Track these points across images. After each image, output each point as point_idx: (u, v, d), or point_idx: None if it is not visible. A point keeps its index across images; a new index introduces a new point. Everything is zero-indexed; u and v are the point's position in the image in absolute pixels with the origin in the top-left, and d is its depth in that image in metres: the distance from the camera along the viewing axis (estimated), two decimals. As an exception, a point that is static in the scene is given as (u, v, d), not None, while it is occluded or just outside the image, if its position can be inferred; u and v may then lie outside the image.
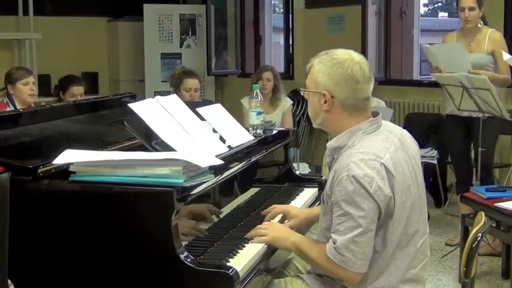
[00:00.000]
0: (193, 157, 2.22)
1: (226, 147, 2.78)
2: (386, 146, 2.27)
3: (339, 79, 2.29)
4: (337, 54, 2.33)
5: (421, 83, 7.03)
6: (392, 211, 2.23)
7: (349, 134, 2.30)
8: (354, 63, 2.29)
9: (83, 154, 2.28)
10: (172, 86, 5.08)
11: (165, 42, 8.77)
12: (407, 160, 2.32)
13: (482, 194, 4.10)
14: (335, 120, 2.34)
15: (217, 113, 3.06)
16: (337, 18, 7.53)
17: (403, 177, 2.26)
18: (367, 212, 2.17)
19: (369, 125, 2.32)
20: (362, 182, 2.16)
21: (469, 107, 4.64)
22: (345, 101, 2.30)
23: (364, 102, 2.33)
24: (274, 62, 8.94)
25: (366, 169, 2.18)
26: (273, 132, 3.47)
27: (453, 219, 5.67)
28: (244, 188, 3.10)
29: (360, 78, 2.28)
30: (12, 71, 4.94)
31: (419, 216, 2.34)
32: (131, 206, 2.17)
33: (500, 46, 4.83)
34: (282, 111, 5.98)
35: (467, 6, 4.85)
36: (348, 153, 2.25)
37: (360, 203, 2.17)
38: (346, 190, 2.18)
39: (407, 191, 2.27)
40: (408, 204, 2.27)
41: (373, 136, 2.30)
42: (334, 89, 2.29)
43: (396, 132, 2.39)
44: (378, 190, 2.17)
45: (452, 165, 5.49)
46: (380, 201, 2.18)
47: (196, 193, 2.23)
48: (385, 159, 2.22)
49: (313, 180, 3.45)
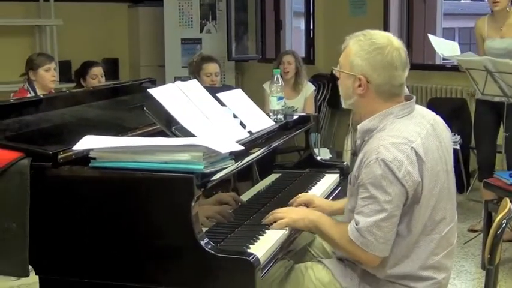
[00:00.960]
0: (213, 143, 2.20)
1: (247, 132, 2.76)
2: (418, 130, 2.24)
3: (378, 65, 2.24)
4: (376, 37, 2.27)
5: (444, 67, 6.94)
6: (420, 197, 2.20)
7: (380, 116, 2.27)
8: (394, 49, 2.24)
9: (103, 140, 2.27)
10: (192, 74, 5.06)
11: (185, 27, 8.74)
12: (438, 146, 2.29)
13: (507, 179, 4.05)
14: (368, 104, 2.31)
15: (237, 98, 3.04)
16: (359, 2, 7.46)
17: (433, 163, 2.23)
18: (392, 197, 2.15)
19: (401, 109, 2.28)
20: (391, 166, 2.13)
21: (493, 91, 4.56)
22: (380, 87, 2.26)
23: (400, 89, 2.29)
24: (295, 47, 8.88)
25: (396, 153, 2.15)
26: (294, 118, 3.44)
27: (476, 205, 5.62)
28: (264, 173, 3.08)
29: (398, 65, 2.24)
30: (34, 57, 4.95)
31: (446, 203, 2.32)
32: (151, 192, 2.16)
33: None
34: (304, 96, 5.94)
35: None
36: (379, 136, 2.23)
37: (387, 187, 2.14)
38: (374, 173, 2.16)
39: (437, 177, 2.24)
40: (436, 191, 2.25)
41: (405, 120, 2.26)
42: (371, 74, 2.25)
43: (429, 118, 2.36)
44: (407, 175, 2.15)
45: (476, 150, 5.42)
46: (408, 186, 2.16)
47: (217, 179, 2.21)
48: (415, 144, 2.19)
49: (335, 166, 3.42)
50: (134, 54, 9.18)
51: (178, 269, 2.15)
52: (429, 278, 2.30)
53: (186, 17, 8.73)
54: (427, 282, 2.30)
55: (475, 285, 4.16)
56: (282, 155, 3.48)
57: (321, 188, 3.09)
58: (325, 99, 7.35)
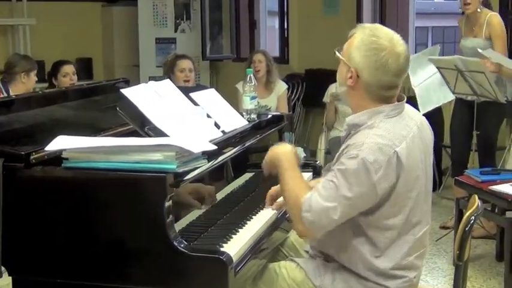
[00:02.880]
0: (186, 142, 2.21)
1: (220, 132, 2.77)
2: (404, 133, 2.24)
3: (371, 65, 2.22)
4: (380, 36, 2.24)
5: (416, 66, 7.01)
6: (394, 200, 2.22)
7: (370, 113, 2.26)
8: (392, 54, 2.21)
9: (76, 140, 2.27)
10: (166, 74, 5.06)
11: (159, 27, 8.72)
12: (421, 149, 2.30)
13: (477, 177, 4.12)
14: (355, 97, 2.31)
15: (210, 98, 3.05)
16: (332, 1, 7.51)
17: (414, 167, 2.24)
18: (354, 196, 2.16)
19: (392, 109, 2.27)
20: (369, 167, 2.14)
21: (464, 90, 4.63)
22: (368, 86, 2.25)
23: (390, 92, 2.27)
24: (270, 46, 8.91)
25: (378, 155, 2.15)
26: (267, 117, 3.45)
27: (448, 202, 5.69)
28: (238, 173, 3.10)
29: (391, 70, 2.21)
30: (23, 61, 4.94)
31: (423, 206, 2.34)
32: (124, 191, 2.17)
33: (495, 31, 4.76)
34: (277, 95, 5.97)
35: None
36: (366, 133, 2.22)
37: (354, 185, 2.15)
38: (349, 166, 2.16)
39: (416, 181, 2.26)
40: (414, 194, 2.26)
41: (394, 121, 2.26)
42: (362, 71, 2.23)
43: (416, 119, 2.35)
44: (382, 178, 2.16)
45: (450, 148, 5.48)
46: (380, 189, 2.17)
47: (190, 178, 2.23)
48: (399, 148, 2.19)
49: (308, 165, 3.44)
50: (108, 54, 9.14)
51: (152, 268, 2.16)
52: (401, 276, 2.32)
53: (160, 17, 8.72)
54: (399, 281, 2.32)
55: (446, 282, 4.22)
56: (256, 154, 3.49)
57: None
58: (300, 98, 7.38)
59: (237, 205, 2.78)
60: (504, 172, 4.26)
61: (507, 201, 3.79)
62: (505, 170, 4.44)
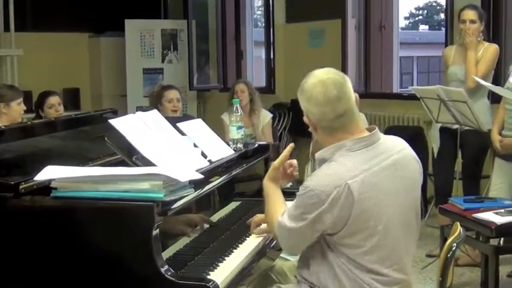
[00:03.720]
0: (173, 171, 2.25)
1: (207, 161, 2.82)
2: (366, 167, 2.28)
3: (307, 105, 2.37)
4: (308, 77, 2.39)
5: (401, 96, 7.12)
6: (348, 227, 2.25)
7: (334, 148, 2.34)
8: (316, 86, 2.33)
9: (65, 170, 2.31)
10: (153, 105, 5.09)
11: (147, 57, 8.81)
12: (396, 180, 2.33)
13: (461, 204, 4.15)
14: (321, 138, 2.43)
15: (197, 128, 3.09)
16: (318, 33, 7.62)
17: (376, 202, 2.27)
18: (307, 223, 2.27)
19: (355, 143, 2.32)
20: (322, 198, 2.22)
21: (447, 119, 4.70)
22: (319, 123, 2.37)
23: (339, 120, 2.33)
24: (256, 76, 9.00)
25: (327, 187, 2.22)
26: (254, 147, 3.50)
27: (434, 230, 5.72)
28: (224, 202, 3.13)
29: (322, 100, 2.31)
30: (5, 90, 4.94)
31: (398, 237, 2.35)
32: (112, 220, 2.20)
33: (486, 56, 4.83)
34: (261, 124, 6.01)
35: (468, 18, 4.86)
36: (325, 166, 2.32)
37: (307, 212, 2.26)
38: (303, 193, 2.27)
39: (380, 212, 2.28)
40: (378, 224, 2.28)
41: (356, 154, 2.30)
42: (308, 112, 2.39)
43: (392, 152, 2.38)
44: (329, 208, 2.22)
45: (433, 177, 5.54)
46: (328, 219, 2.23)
47: (177, 207, 2.26)
48: (352, 181, 2.23)
49: (293, 194, 3.47)
50: (96, 84, 9.20)
51: (139, 296, 2.18)
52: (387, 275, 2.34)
53: (147, 47, 8.81)
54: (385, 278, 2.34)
55: (432, 309, 4.24)
56: (242, 183, 3.53)
57: (280, 215, 3.15)
58: (286, 128, 7.45)
59: (223, 234, 2.80)
60: (487, 200, 4.30)
61: (490, 229, 3.83)
62: (489, 198, 4.48)
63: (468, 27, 4.84)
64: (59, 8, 8.74)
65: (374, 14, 7.41)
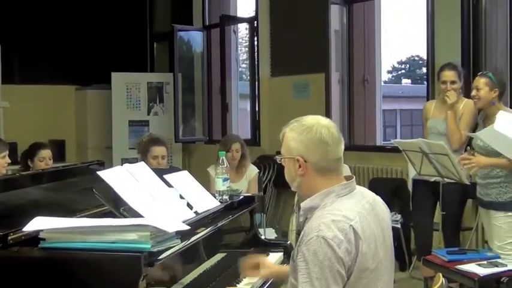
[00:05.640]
0: (160, 223, 2.29)
1: (193, 213, 2.85)
2: (357, 209, 2.34)
3: (310, 143, 2.38)
4: (306, 120, 2.43)
5: (384, 148, 7.20)
6: (357, 274, 2.27)
7: (322, 195, 2.37)
8: (322, 127, 2.39)
9: (53, 221, 2.33)
10: (140, 154, 5.15)
11: (132, 109, 8.89)
12: (376, 225, 2.38)
13: (444, 256, 4.20)
14: (310, 183, 2.41)
15: (184, 180, 3.14)
16: (302, 86, 7.73)
17: (370, 241, 2.31)
18: (328, 276, 2.21)
19: (342, 188, 2.39)
20: (331, 244, 2.21)
21: (429, 172, 4.77)
22: (317, 164, 2.38)
23: (336, 163, 2.41)
24: (241, 128, 9.08)
25: (335, 231, 2.23)
26: (239, 198, 3.54)
27: (418, 282, 5.73)
28: (210, 253, 3.14)
29: (328, 140, 2.37)
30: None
31: (386, 281, 2.39)
32: (100, 271, 2.21)
33: (466, 113, 4.99)
34: (248, 179, 6.04)
35: (449, 80, 5.03)
36: (319, 214, 2.31)
37: (325, 266, 2.20)
38: (314, 250, 2.22)
39: (374, 256, 2.32)
40: (373, 268, 2.32)
41: (345, 199, 2.36)
42: (306, 153, 2.38)
43: (369, 197, 2.46)
44: (346, 252, 2.23)
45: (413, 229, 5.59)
46: (346, 263, 2.23)
47: (164, 258, 2.29)
48: (354, 222, 2.27)
49: (279, 245, 3.52)
50: (81, 136, 9.24)
51: None
52: None
53: (133, 100, 8.89)
54: None
55: None
56: (228, 234, 3.56)
57: (265, 267, 3.17)
58: (271, 179, 7.49)
59: (208, 285, 2.82)
60: (470, 252, 4.36)
61: (474, 281, 3.87)
62: (471, 250, 4.54)
63: (449, 88, 4.98)
64: (46, 61, 8.82)
65: (357, 68, 7.56)
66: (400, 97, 22.26)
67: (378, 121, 7.92)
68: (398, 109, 23.21)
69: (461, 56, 5.99)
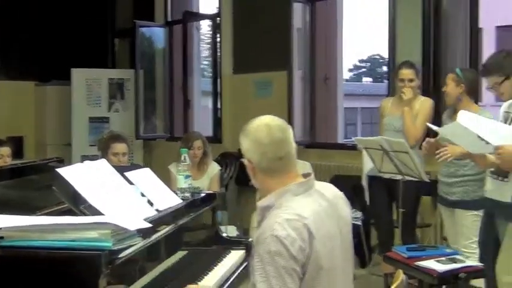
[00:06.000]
0: (121, 220, 2.26)
1: (154, 210, 2.83)
2: (313, 208, 2.34)
3: (250, 145, 2.41)
4: (252, 122, 2.46)
5: (345, 146, 7.26)
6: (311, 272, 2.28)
7: (277, 194, 2.38)
8: (261, 127, 2.41)
9: (12, 219, 2.29)
10: (100, 151, 5.10)
11: (93, 106, 8.79)
12: (334, 223, 2.40)
13: (404, 253, 4.25)
14: (262, 183, 2.45)
15: (145, 177, 3.12)
16: (264, 83, 7.74)
17: (326, 240, 2.33)
18: (283, 275, 2.22)
19: (298, 187, 2.40)
20: (285, 242, 2.22)
21: (389, 169, 4.82)
22: (260, 165, 2.41)
23: (279, 163, 2.40)
24: (203, 125, 9.06)
25: (289, 230, 2.24)
26: (201, 196, 3.53)
27: (378, 279, 5.78)
28: (171, 251, 3.12)
29: (264, 140, 2.39)
30: None
31: (343, 280, 2.42)
32: (60, 270, 2.18)
33: (423, 110, 5.04)
34: (209, 176, 6.02)
35: (406, 78, 5.09)
36: (275, 213, 2.32)
37: (280, 265, 2.21)
38: (268, 249, 2.23)
39: (330, 254, 2.33)
40: (329, 266, 2.32)
41: (301, 198, 2.37)
42: (251, 156, 2.42)
43: (328, 194, 2.47)
44: (299, 250, 2.24)
45: (375, 226, 5.65)
46: (300, 260, 2.24)
47: (124, 256, 2.27)
48: (308, 221, 2.28)
49: (240, 243, 3.52)
50: (40, 133, 9.10)
51: None
52: None
53: (94, 96, 8.80)
54: None
55: None
56: (190, 232, 3.55)
57: (226, 264, 3.17)
58: (233, 177, 7.49)
59: (170, 282, 2.80)
60: (429, 248, 4.41)
61: (432, 277, 3.93)
62: (431, 246, 4.59)
63: (408, 85, 5.04)
64: (4, 57, 8.68)
65: (319, 66, 7.59)
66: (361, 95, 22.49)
67: (339, 119, 7.99)
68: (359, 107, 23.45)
69: (422, 55, 6.07)
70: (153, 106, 9.10)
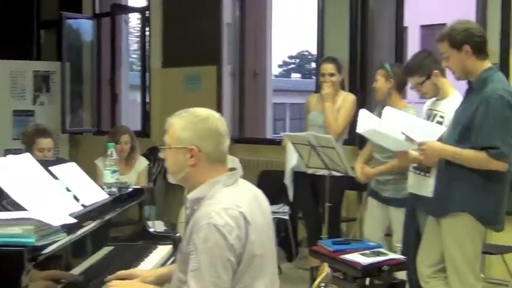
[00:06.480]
0: (45, 216, 2.23)
1: (80, 205, 2.80)
2: (245, 197, 2.39)
3: (205, 134, 2.40)
4: (198, 111, 2.45)
5: (274, 141, 7.31)
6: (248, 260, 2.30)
7: (209, 185, 2.39)
8: (217, 119, 2.44)
9: None
10: (24, 145, 4.97)
11: (17, 99, 8.58)
12: (261, 214, 2.43)
13: (329, 246, 4.31)
14: (199, 173, 2.42)
15: (70, 172, 3.07)
16: (194, 78, 7.72)
17: (258, 229, 2.36)
18: (219, 263, 2.23)
19: (228, 178, 2.42)
20: (223, 231, 2.23)
21: (316, 164, 4.89)
22: (210, 154, 2.40)
23: (225, 156, 2.46)
24: (131, 119, 8.97)
25: (226, 218, 2.25)
26: (128, 191, 3.50)
27: (304, 272, 5.87)
28: (98, 246, 3.09)
29: (222, 132, 2.43)
30: None
31: (271, 267, 2.44)
32: (-20, 266, 2.13)
33: (346, 105, 5.12)
34: (137, 171, 5.97)
35: (327, 72, 5.14)
36: (208, 203, 2.33)
37: (216, 254, 2.22)
38: (204, 238, 2.23)
39: (262, 243, 2.37)
40: (261, 254, 2.36)
41: (231, 188, 2.40)
42: (201, 143, 2.39)
43: (250, 189, 2.52)
44: (237, 238, 2.26)
45: (302, 221, 5.72)
46: (237, 250, 2.26)
47: (48, 252, 2.23)
48: (244, 209, 2.31)
49: (168, 238, 3.51)
50: (-39, 126, 8.82)
51: None
52: None
53: (18, 89, 8.58)
54: None
55: None
56: (116, 227, 3.51)
57: (153, 260, 3.16)
58: (161, 171, 7.44)
59: (94, 279, 2.77)
60: (354, 242, 4.50)
61: (356, 270, 4.01)
62: (355, 240, 4.68)
63: (328, 80, 5.11)
64: None
65: (248, 62, 7.63)
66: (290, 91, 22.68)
67: (268, 114, 8.04)
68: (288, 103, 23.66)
69: (349, 51, 6.18)
70: (80, 99, 8.95)
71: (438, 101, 4.15)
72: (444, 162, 3.58)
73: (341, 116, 5.09)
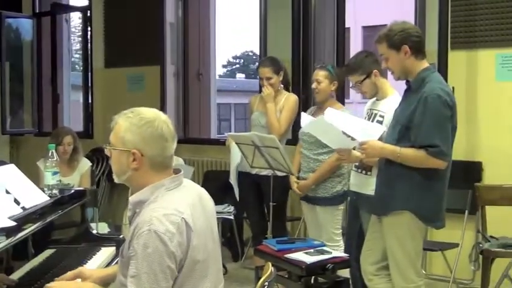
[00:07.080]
0: (-16, 219, 2.18)
1: (20, 208, 2.75)
2: (187, 202, 2.35)
3: (149, 138, 2.34)
4: (144, 113, 2.38)
5: (218, 141, 7.31)
6: (190, 265, 2.29)
7: (152, 189, 2.35)
8: (162, 122, 2.37)
9: None
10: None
11: (-48, 99, 8.36)
12: (204, 216, 2.42)
13: (274, 246, 4.33)
14: (142, 177, 2.38)
15: (10, 174, 3.02)
16: (137, 78, 7.67)
17: (201, 232, 2.34)
18: (159, 272, 2.20)
19: (171, 182, 2.39)
20: (163, 238, 2.20)
21: (260, 164, 4.91)
22: (154, 159, 2.35)
23: (171, 160, 2.41)
24: (73, 120, 8.84)
25: (167, 224, 2.22)
26: (70, 192, 3.46)
27: (250, 272, 5.88)
28: (39, 249, 3.04)
29: (168, 137, 2.37)
30: None
31: (215, 270, 2.44)
32: None
33: (288, 105, 5.14)
34: (80, 173, 5.89)
35: (264, 76, 5.17)
36: (151, 208, 2.29)
37: (155, 261, 2.19)
38: (144, 244, 2.20)
39: (205, 246, 2.36)
40: (205, 258, 2.35)
41: (174, 192, 2.37)
42: (144, 147, 2.33)
43: (195, 190, 2.50)
44: (178, 245, 2.23)
45: (247, 220, 5.73)
46: (178, 256, 2.24)
47: (-13, 256, 2.19)
48: (186, 215, 2.28)
49: (111, 239, 3.47)
50: None
51: None
52: None
53: (-45, 89, 8.37)
54: None
55: None
56: (58, 230, 3.46)
57: (96, 262, 3.13)
58: (105, 173, 7.36)
59: (37, 282, 2.73)
60: (298, 241, 4.53)
61: (301, 268, 4.04)
62: (300, 239, 4.73)
63: (266, 83, 5.15)
64: None
65: (192, 62, 7.61)
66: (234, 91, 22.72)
67: (213, 114, 8.04)
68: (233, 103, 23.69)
69: (292, 52, 6.23)
70: (21, 100, 8.77)
71: (378, 100, 4.23)
72: (385, 161, 3.64)
73: (283, 116, 5.13)
